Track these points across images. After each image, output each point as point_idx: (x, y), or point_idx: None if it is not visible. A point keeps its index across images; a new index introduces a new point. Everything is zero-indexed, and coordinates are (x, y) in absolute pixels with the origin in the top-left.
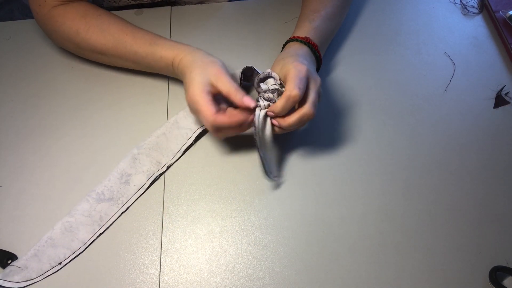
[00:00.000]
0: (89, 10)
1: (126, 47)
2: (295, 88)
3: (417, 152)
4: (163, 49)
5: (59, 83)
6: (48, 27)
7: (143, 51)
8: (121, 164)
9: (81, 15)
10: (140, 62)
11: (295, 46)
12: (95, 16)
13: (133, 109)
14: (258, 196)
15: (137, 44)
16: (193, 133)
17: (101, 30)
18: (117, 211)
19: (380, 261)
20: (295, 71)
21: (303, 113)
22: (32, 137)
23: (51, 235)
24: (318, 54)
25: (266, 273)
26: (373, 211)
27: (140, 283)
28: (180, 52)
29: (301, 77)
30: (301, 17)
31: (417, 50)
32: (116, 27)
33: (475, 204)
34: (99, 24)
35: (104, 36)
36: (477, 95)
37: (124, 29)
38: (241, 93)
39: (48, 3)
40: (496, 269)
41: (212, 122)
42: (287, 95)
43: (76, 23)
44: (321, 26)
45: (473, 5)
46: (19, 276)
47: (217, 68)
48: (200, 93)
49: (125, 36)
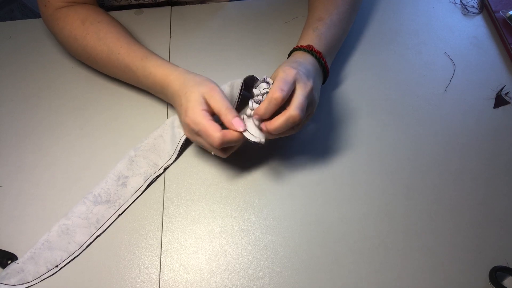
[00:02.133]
0: (89, 16)
1: (118, 59)
2: (277, 90)
3: (417, 152)
4: (153, 66)
5: (59, 83)
6: (51, 28)
7: (133, 65)
8: (118, 166)
9: (81, 20)
10: (130, 76)
11: (297, 55)
12: (94, 22)
13: (133, 109)
14: (258, 196)
15: (129, 57)
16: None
17: (98, 38)
18: (114, 213)
19: (380, 261)
20: (282, 74)
21: (288, 115)
22: (32, 137)
23: (47, 237)
24: (324, 61)
25: (266, 273)
26: (373, 211)
27: (140, 283)
28: (171, 72)
29: (286, 80)
30: (306, 26)
31: (417, 50)
32: (112, 37)
33: (475, 204)
34: (96, 31)
35: (99, 45)
36: (477, 95)
37: (121, 40)
38: (232, 113)
39: (52, 4)
40: (496, 269)
41: (220, 139)
42: (269, 97)
43: (74, 28)
44: (326, 33)
45: (473, 5)
46: (15, 279)
47: (210, 85)
48: (200, 111)
49: (120, 48)
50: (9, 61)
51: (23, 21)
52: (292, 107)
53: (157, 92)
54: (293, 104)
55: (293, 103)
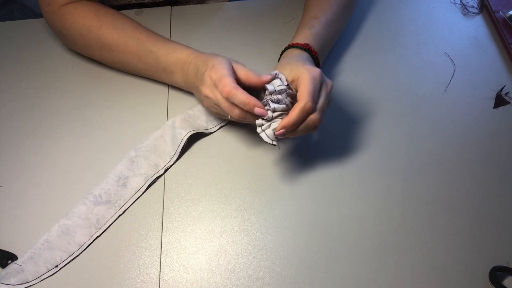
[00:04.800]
0: (101, 9)
1: (137, 43)
2: (310, 100)
3: (417, 152)
4: (177, 45)
5: (60, 83)
6: (57, 25)
7: (154, 45)
8: (118, 166)
9: (94, 13)
10: (147, 59)
11: (296, 53)
12: (108, 14)
13: (133, 109)
14: (258, 196)
15: (150, 40)
16: (187, 133)
17: (115, 28)
18: (114, 214)
19: (380, 261)
20: (308, 76)
21: (309, 119)
22: (32, 137)
23: (47, 237)
24: (318, 61)
25: (266, 273)
26: (373, 211)
27: (140, 283)
28: (194, 51)
29: (315, 85)
30: (301, 23)
31: (417, 50)
32: (130, 26)
33: (475, 204)
34: (113, 22)
35: (117, 33)
36: (477, 95)
37: (138, 28)
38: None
39: (57, 1)
40: (496, 269)
41: (230, 89)
42: (301, 107)
43: (88, 21)
44: (321, 32)
45: (473, 5)
46: (15, 279)
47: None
48: (225, 68)
49: (139, 34)
50: (9, 61)
51: (23, 21)
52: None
53: (176, 69)
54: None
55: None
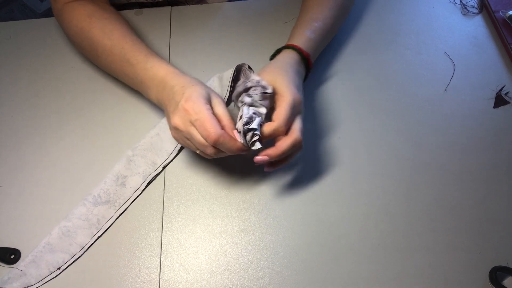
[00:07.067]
0: (97, 11)
1: (120, 53)
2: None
3: (417, 152)
4: (156, 61)
5: (60, 83)
6: (61, 23)
7: (135, 58)
8: (116, 166)
9: (87, 15)
10: (127, 71)
11: (288, 55)
12: (101, 18)
13: (133, 109)
14: (258, 196)
15: (132, 52)
16: None
17: (103, 33)
18: (115, 213)
19: (380, 261)
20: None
21: (294, 139)
22: (32, 137)
23: (48, 240)
24: (309, 63)
25: (266, 273)
26: (373, 211)
27: (140, 283)
28: (174, 70)
29: (292, 112)
30: (298, 25)
31: (417, 50)
32: (118, 33)
33: (475, 204)
34: (102, 27)
35: (103, 39)
36: (477, 95)
37: (126, 37)
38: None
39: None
40: (496, 269)
41: (217, 137)
42: (274, 128)
43: (80, 22)
44: (316, 35)
45: (473, 5)
46: (17, 282)
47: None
48: (203, 104)
49: (124, 44)
50: (9, 61)
51: (23, 21)
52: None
53: (152, 86)
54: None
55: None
